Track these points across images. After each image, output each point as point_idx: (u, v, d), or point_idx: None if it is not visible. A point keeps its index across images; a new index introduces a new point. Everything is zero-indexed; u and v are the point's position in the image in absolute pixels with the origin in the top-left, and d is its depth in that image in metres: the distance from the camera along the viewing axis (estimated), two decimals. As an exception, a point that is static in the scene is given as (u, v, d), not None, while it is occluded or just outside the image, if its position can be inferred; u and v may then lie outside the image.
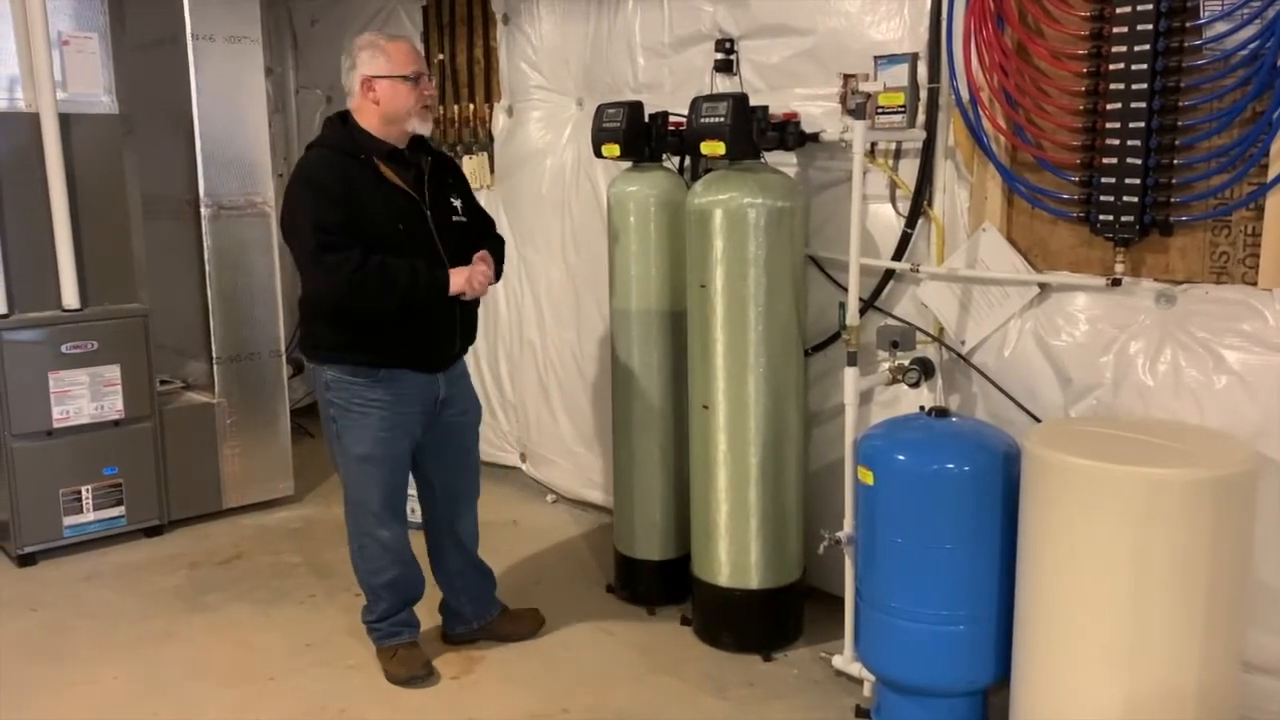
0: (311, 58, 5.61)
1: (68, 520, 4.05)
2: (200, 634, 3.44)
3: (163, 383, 4.41)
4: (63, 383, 3.98)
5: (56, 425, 3.98)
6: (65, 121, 4.01)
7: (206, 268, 4.33)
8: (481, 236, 3.09)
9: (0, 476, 3.99)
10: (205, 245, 4.31)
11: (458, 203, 3.04)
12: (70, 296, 4.06)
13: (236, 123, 4.33)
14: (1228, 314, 2.53)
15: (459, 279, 2.87)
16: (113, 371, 4.08)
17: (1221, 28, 2.42)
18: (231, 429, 4.44)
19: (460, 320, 3.01)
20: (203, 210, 4.29)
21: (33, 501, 3.97)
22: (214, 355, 4.39)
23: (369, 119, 2.88)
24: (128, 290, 4.28)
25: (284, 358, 4.60)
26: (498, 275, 3.03)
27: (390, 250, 2.80)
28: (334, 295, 2.80)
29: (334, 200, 2.78)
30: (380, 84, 2.84)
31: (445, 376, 3.04)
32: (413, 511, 3.31)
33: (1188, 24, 2.48)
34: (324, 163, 2.87)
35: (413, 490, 3.27)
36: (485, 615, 3.31)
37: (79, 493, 4.07)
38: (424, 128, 2.93)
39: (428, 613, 3.28)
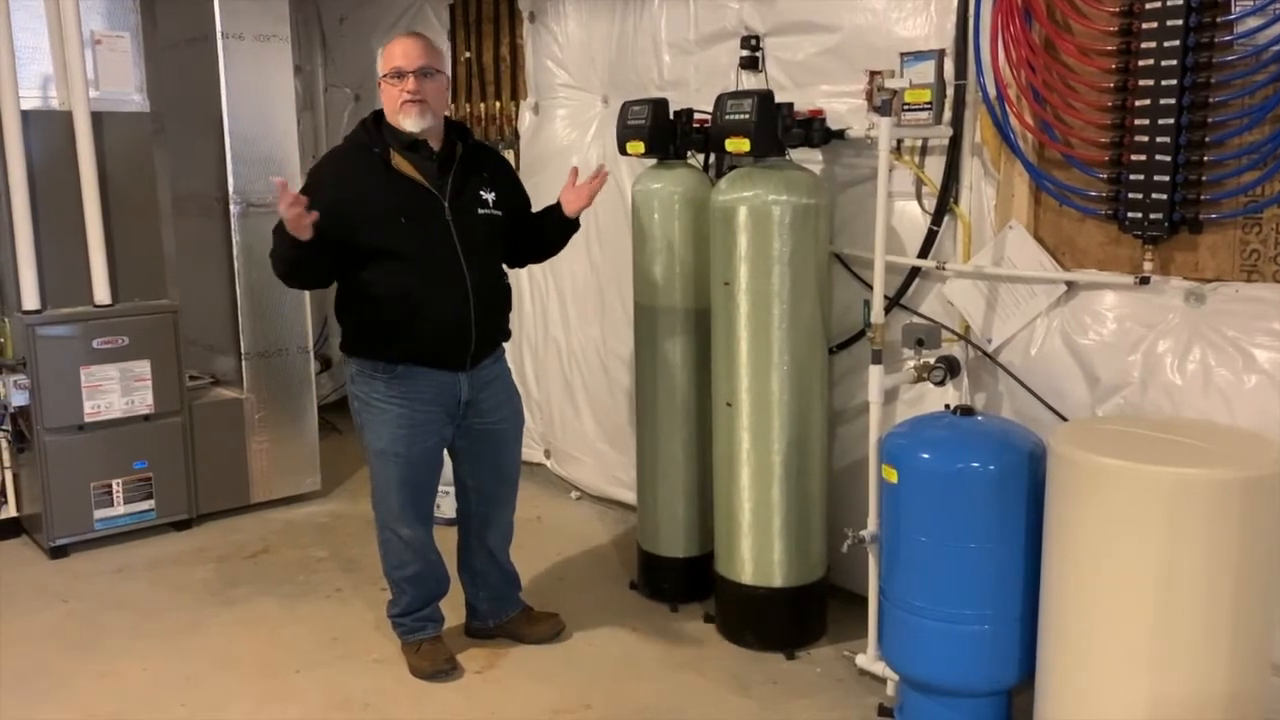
0: (340, 56, 5.65)
1: (98, 513, 4.10)
2: (227, 627, 3.48)
3: (192, 378, 4.45)
4: (94, 378, 4.03)
5: (88, 419, 4.03)
6: (97, 120, 4.07)
7: (235, 264, 4.37)
8: (527, 224, 3.14)
9: (33, 470, 4.05)
10: (234, 242, 4.36)
11: (489, 195, 3.01)
12: (101, 292, 4.11)
13: (265, 121, 4.37)
14: (1258, 313, 2.50)
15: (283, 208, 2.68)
16: (143, 367, 4.13)
17: (1253, 23, 2.39)
18: (260, 424, 4.48)
19: (476, 319, 2.95)
20: (232, 207, 4.34)
21: (64, 494, 4.02)
22: (242, 351, 4.43)
23: (386, 116, 2.95)
24: (158, 286, 4.33)
25: (312, 354, 4.63)
26: (546, 252, 3.23)
27: (389, 239, 2.85)
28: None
29: (320, 188, 2.85)
30: (381, 84, 2.93)
31: (469, 378, 3.01)
32: (438, 508, 3.32)
33: (1219, 19, 2.44)
34: (329, 155, 3.05)
35: (447, 486, 3.29)
36: (503, 614, 3.32)
37: (109, 486, 4.12)
38: (411, 124, 2.87)
39: (454, 609, 3.30)
